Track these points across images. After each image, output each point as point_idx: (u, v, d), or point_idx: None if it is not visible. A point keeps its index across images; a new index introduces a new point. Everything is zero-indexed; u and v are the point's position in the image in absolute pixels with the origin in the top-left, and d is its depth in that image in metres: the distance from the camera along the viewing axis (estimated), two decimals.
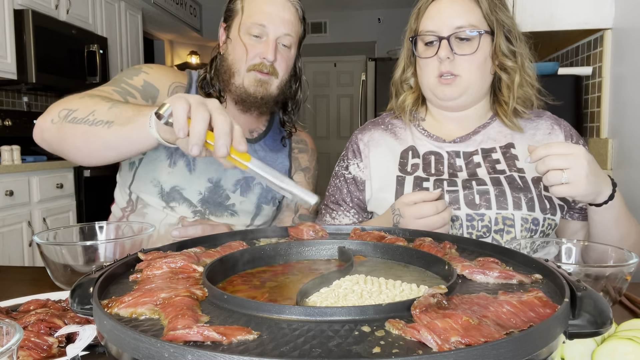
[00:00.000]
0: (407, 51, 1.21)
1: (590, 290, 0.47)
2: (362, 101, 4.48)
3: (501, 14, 1.11)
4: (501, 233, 1.05)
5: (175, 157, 1.23)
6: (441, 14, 1.11)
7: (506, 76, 1.13)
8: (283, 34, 1.20)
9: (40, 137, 1.05)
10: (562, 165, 0.87)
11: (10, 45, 3.22)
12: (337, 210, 1.23)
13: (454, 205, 1.07)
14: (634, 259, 0.74)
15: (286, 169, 1.38)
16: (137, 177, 1.25)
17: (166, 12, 5.34)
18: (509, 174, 1.10)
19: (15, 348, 0.40)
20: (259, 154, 1.32)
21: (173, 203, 1.23)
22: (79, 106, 1.00)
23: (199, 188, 1.24)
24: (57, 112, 1.01)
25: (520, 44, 1.13)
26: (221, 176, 1.26)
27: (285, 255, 0.72)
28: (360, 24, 6.63)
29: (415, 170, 1.14)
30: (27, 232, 3.04)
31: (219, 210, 1.26)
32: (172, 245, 0.70)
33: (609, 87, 2.17)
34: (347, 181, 1.23)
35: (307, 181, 1.42)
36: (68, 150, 1.02)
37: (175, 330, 0.41)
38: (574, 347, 0.60)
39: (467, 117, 1.18)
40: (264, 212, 1.32)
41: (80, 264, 0.85)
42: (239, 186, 1.28)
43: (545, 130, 1.17)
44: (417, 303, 0.45)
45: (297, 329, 0.42)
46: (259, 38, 1.19)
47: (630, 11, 2.01)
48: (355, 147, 1.26)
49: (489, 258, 0.63)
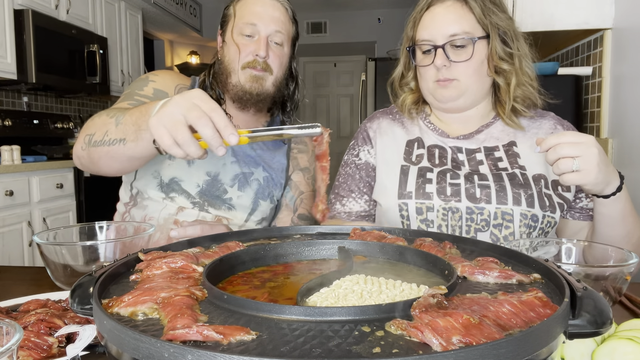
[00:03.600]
0: (405, 58, 1.23)
1: (590, 290, 0.47)
2: (362, 101, 4.48)
3: (495, 17, 1.11)
4: (500, 228, 1.06)
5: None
6: (435, 23, 1.12)
7: (502, 80, 1.14)
8: (274, 31, 1.25)
9: (79, 164, 1.15)
10: (573, 153, 0.88)
11: (10, 45, 3.22)
12: (348, 197, 1.23)
13: (455, 197, 1.08)
14: (634, 259, 0.74)
15: (283, 167, 1.39)
16: (140, 171, 1.30)
17: (166, 12, 5.34)
18: (511, 171, 1.11)
19: (15, 348, 0.40)
20: (256, 151, 1.36)
21: (172, 194, 1.27)
22: (95, 129, 1.07)
23: (197, 181, 1.27)
24: (83, 139, 1.09)
25: (518, 44, 1.13)
26: (219, 170, 1.29)
27: (285, 255, 0.72)
28: (360, 24, 6.63)
29: (420, 160, 1.16)
30: (27, 232, 3.04)
31: (216, 203, 1.29)
32: (172, 245, 0.70)
33: (609, 87, 2.17)
34: (359, 167, 1.23)
35: (306, 181, 1.43)
36: (104, 170, 1.11)
37: (174, 329, 0.41)
38: (574, 347, 0.60)
39: (470, 117, 1.19)
40: (261, 208, 1.34)
41: (80, 264, 0.85)
42: (236, 181, 1.31)
43: (547, 130, 1.18)
44: (417, 304, 0.45)
45: (297, 329, 0.42)
46: (251, 37, 1.25)
47: (630, 11, 2.01)
48: (365, 134, 1.26)
49: (489, 258, 0.63)
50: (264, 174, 1.35)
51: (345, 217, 1.23)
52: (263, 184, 1.34)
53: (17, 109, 3.84)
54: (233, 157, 1.32)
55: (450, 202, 1.08)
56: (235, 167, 1.31)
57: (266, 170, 1.35)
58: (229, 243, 0.72)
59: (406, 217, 1.10)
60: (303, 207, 1.42)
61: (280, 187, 1.38)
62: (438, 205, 1.08)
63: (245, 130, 0.83)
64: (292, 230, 0.83)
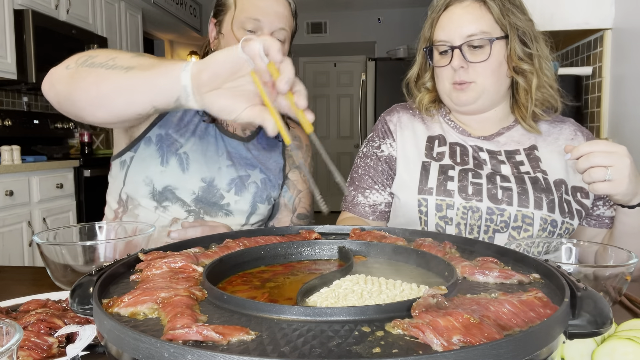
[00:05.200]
0: (422, 58, 1.22)
1: (590, 290, 0.47)
2: (362, 101, 4.48)
3: (514, 17, 1.09)
4: (519, 230, 1.06)
5: (167, 155, 1.21)
6: (452, 23, 1.11)
7: (523, 79, 1.12)
8: (278, 28, 1.18)
9: (49, 85, 0.96)
10: (606, 162, 0.88)
11: (10, 45, 3.22)
12: (371, 189, 1.21)
13: (476, 196, 1.08)
14: (633, 259, 0.74)
15: (280, 167, 1.36)
16: (129, 176, 1.23)
17: (166, 12, 5.34)
18: (534, 175, 1.10)
19: (15, 348, 0.40)
20: (252, 153, 1.31)
21: (166, 202, 1.21)
22: (100, 53, 0.92)
23: (192, 188, 1.22)
24: (76, 59, 0.93)
25: (538, 45, 1.12)
26: (215, 175, 1.25)
27: (285, 255, 0.72)
28: (360, 24, 6.63)
29: (442, 157, 1.15)
30: (27, 232, 3.04)
31: (213, 209, 1.25)
32: (172, 246, 0.70)
33: (609, 87, 2.17)
34: (381, 159, 1.22)
35: (302, 179, 1.40)
36: (75, 97, 0.91)
37: (174, 329, 0.41)
38: (574, 347, 0.60)
39: (488, 118, 1.19)
40: (259, 211, 1.31)
41: (80, 264, 0.85)
42: (233, 185, 1.26)
43: (568, 136, 1.17)
44: (417, 304, 0.45)
45: (297, 329, 0.42)
46: (253, 33, 1.17)
47: (630, 11, 2.01)
48: (386, 127, 1.25)
49: (488, 258, 0.63)
50: (262, 176, 1.31)
51: (369, 210, 1.21)
52: (261, 187, 1.30)
53: (17, 109, 3.84)
54: (229, 161, 1.27)
55: (472, 201, 1.07)
56: (232, 170, 1.26)
57: (263, 172, 1.31)
58: (229, 243, 0.72)
59: (425, 213, 1.10)
60: (302, 206, 1.40)
61: (278, 188, 1.35)
62: (458, 204, 1.08)
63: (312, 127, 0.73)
64: (292, 230, 0.82)
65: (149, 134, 1.22)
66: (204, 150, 1.24)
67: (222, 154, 1.26)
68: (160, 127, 1.22)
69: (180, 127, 1.24)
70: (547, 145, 1.15)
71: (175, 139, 1.22)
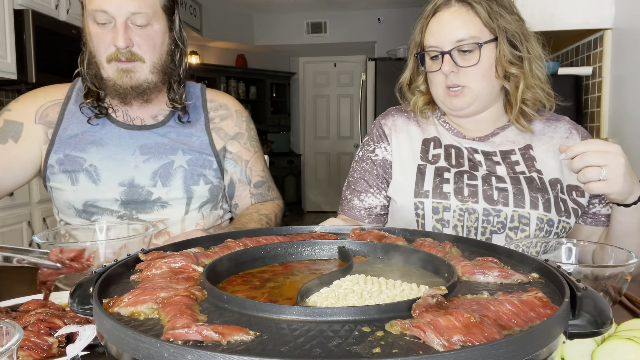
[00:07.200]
0: (413, 63, 1.22)
1: (590, 290, 0.47)
2: (362, 101, 4.48)
3: (502, 19, 1.09)
4: (515, 230, 1.07)
5: (74, 174, 1.19)
6: (441, 29, 1.11)
7: (510, 84, 1.13)
8: (131, 14, 1.09)
9: None
10: (601, 162, 0.88)
11: (10, 45, 3.22)
12: (367, 192, 1.22)
13: (472, 198, 1.08)
14: (633, 259, 0.74)
15: (206, 142, 1.28)
16: (55, 203, 1.24)
17: None
18: (529, 174, 1.10)
19: (15, 348, 0.40)
20: (169, 137, 1.24)
21: (95, 216, 1.19)
22: None
23: (112, 195, 1.19)
24: None
25: (528, 45, 1.12)
26: (133, 175, 1.19)
27: (285, 255, 0.72)
28: (360, 24, 6.62)
29: (437, 160, 1.16)
30: (27, 232, 3.04)
31: (145, 207, 1.21)
32: (172, 246, 0.70)
33: (609, 87, 2.17)
34: (376, 163, 1.23)
35: (244, 147, 1.33)
36: None
37: (174, 329, 0.41)
38: (574, 347, 0.60)
39: (482, 119, 1.19)
40: (198, 194, 1.25)
41: None
42: (157, 178, 1.21)
43: (563, 134, 1.17)
44: (417, 305, 0.45)
45: (297, 329, 0.42)
46: (105, 25, 1.10)
47: (630, 11, 2.01)
48: (381, 131, 1.26)
49: (488, 258, 0.63)
50: (187, 157, 1.23)
51: (365, 213, 1.22)
52: (189, 169, 1.23)
53: None
54: (144, 155, 1.20)
55: (468, 202, 1.08)
56: (151, 163, 1.20)
57: (187, 153, 1.24)
58: (229, 243, 0.72)
59: (421, 216, 1.10)
60: (255, 174, 1.34)
61: (211, 164, 1.27)
62: (455, 206, 1.08)
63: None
64: (292, 230, 0.83)
65: (49, 162, 1.20)
66: (111, 155, 1.20)
67: (135, 151, 1.21)
68: (56, 152, 1.20)
69: (77, 143, 1.20)
70: (542, 144, 1.15)
71: (76, 156, 1.19)
